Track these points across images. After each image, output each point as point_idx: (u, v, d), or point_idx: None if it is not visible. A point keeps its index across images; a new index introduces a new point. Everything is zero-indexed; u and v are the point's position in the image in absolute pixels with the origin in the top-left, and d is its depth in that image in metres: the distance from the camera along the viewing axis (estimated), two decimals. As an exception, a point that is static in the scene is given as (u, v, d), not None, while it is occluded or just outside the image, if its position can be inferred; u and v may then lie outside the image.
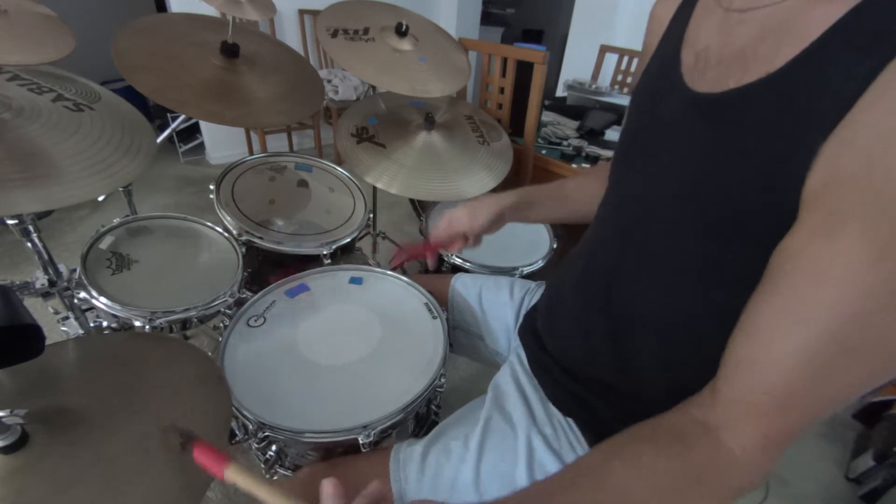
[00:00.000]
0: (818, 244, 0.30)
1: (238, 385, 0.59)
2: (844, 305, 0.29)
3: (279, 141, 2.73)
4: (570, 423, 0.55)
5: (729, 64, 0.38)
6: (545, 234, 1.15)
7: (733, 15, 0.39)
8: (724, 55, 0.39)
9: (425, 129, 1.19)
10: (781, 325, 0.31)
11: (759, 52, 0.36)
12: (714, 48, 0.41)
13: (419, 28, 1.21)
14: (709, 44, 0.41)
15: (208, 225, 0.96)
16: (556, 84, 2.68)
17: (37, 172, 0.56)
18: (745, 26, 0.38)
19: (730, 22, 0.40)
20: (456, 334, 0.81)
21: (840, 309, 0.29)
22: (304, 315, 0.72)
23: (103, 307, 0.75)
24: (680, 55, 0.45)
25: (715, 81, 0.39)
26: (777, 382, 0.31)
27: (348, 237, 1.01)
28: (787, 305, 0.31)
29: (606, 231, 0.54)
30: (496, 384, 0.63)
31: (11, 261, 1.71)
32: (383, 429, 0.57)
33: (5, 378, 0.48)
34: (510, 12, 4.35)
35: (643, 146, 0.48)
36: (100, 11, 2.88)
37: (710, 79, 0.40)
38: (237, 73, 0.97)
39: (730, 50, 0.39)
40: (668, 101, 0.44)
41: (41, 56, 1.00)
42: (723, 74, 0.38)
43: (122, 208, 1.08)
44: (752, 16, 0.37)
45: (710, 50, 0.41)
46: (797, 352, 0.30)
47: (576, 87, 1.77)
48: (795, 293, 0.31)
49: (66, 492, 0.39)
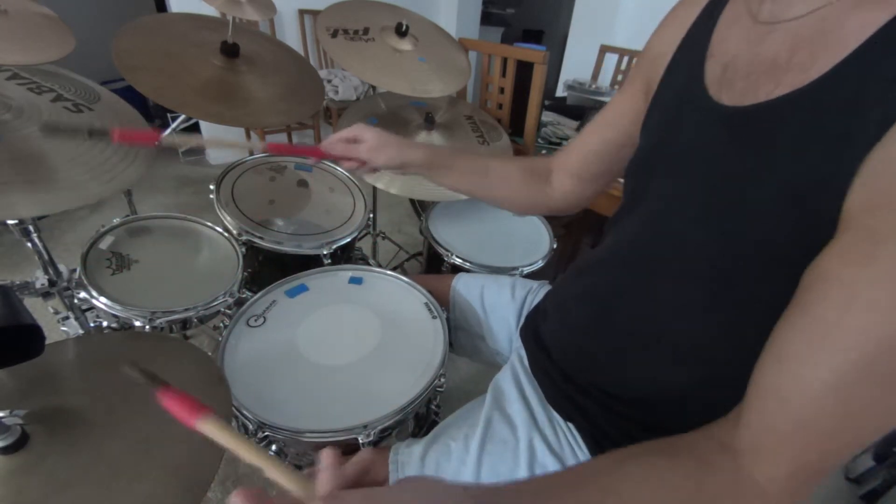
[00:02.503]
0: (851, 269, 0.28)
1: (238, 385, 0.59)
2: (879, 332, 0.27)
3: (279, 141, 2.73)
4: (570, 427, 0.55)
5: (759, 75, 0.36)
6: (545, 234, 1.15)
7: (764, 26, 0.37)
8: (753, 66, 0.37)
9: (425, 129, 1.19)
10: (812, 352, 0.29)
11: (792, 63, 0.34)
12: (743, 59, 0.38)
13: (419, 28, 1.21)
14: (737, 54, 0.39)
15: (208, 225, 0.96)
16: (556, 84, 2.68)
17: (36, 175, 0.56)
18: (776, 35, 0.36)
19: (760, 32, 0.38)
20: (457, 335, 0.81)
21: (874, 336, 0.27)
22: (304, 315, 0.72)
23: (103, 307, 0.75)
24: (704, 66, 0.43)
25: (743, 94, 0.37)
26: (806, 413, 0.29)
27: (348, 237, 1.01)
28: (818, 331, 0.29)
29: (619, 246, 0.52)
30: (497, 385, 0.63)
31: (11, 261, 1.71)
32: (383, 428, 0.57)
33: (5, 378, 0.48)
34: (510, 12, 4.34)
35: (664, 162, 0.46)
36: (100, 11, 2.88)
37: (738, 91, 0.38)
38: (237, 73, 0.97)
39: (760, 60, 0.37)
40: (692, 115, 0.42)
41: (41, 56, 1.00)
42: (752, 86, 0.36)
43: (122, 208, 1.08)
44: (785, 26, 0.36)
45: (739, 61, 0.39)
46: (828, 381, 0.28)
47: (576, 87, 1.77)
48: (827, 318, 0.29)
49: (66, 492, 0.39)
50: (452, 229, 1.09)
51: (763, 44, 0.37)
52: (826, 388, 0.29)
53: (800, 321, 0.31)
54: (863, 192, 0.28)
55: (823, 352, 0.29)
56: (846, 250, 0.29)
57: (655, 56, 0.51)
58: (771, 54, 0.36)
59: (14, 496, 0.38)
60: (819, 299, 0.30)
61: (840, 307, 0.28)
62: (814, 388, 0.29)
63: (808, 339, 0.30)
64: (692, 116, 0.43)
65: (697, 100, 0.42)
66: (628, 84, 0.57)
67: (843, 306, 0.28)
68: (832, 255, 0.30)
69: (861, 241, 0.28)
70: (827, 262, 0.30)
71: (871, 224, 0.28)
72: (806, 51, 0.33)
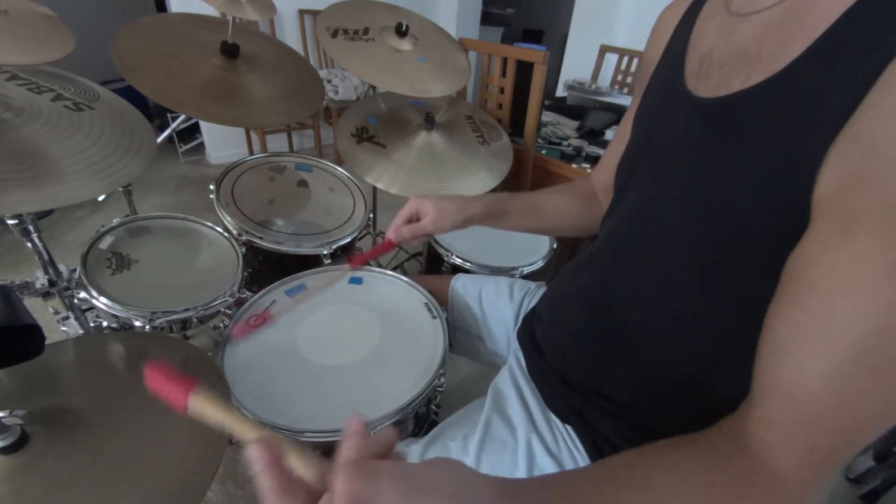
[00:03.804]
0: (832, 253, 0.28)
1: (238, 385, 0.59)
2: (865, 319, 0.26)
3: (279, 141, 2.73)
4: (568, 429, 0.55)
5: (733, 66, 0.37)
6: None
7: (736, 17, 0.38)
8: (727, 57, 0.38)
9: (425, 129, 1.19)
10: (803, 343, 0.29)
11: (762, 52, 0.35)
12: (718, 51, 0.39)
13: (419, 28, 1.21)
14: (714, 46, 0.40)
15: (208, 225, 0.96)
16: (556, 84, 2.68)
17: (37, 172, 0.56)
18: (747, 26, 0.37)
19: (733, 23, 0.39)
20: (456, 335, 0.81)
21: (861, 322, 0.26)
22: (304, 315, 0.72)
23: (103, 307, 0.75)
24: (684, 61, 0.44)
25: (718, 85, 0.38)
26: (809, 406, 0.29)
27: (348, 237, 1.01)
28: (806, 321, 0.29)
29: (610, 243, 0.53)
30: (496, 387, 0.62)
31: (11, 261, 1.71)
32: (383, 428, 0.57)
33: (5, 378, 0.48)
34: (510, 12, 4.35)
35: (649, 157, 0.47)
36: (100, 11, 2.88)
37: (714, 82, 0.39)
38: (237, 73, 0.97)
39: (732, 51, 0.38)
40: (673, 110, 0.43)
41: (41, 56, 1.00)
42: (727, 77, 0.37)
43: (122, 208, 1.08)
44: (756, 17, 0.36)
45: (715, 53, 0.40)
46: (823, 371, 0.28)
47: (576, 87, 1.77)
48: (813, 308, 0.29)
49: (65, 492, 0.39)
50: (452, 229, 1.09)
51: (735, 34, 0.38)
52: (825, 379, 0.28)
53: (789, 312, 0.31)
54: (834, 175, 0.28)
55: (816, 342, 0.29)
56: (825, 235, 0.29)
57: (650, 61, 0.52)
58: (743, 45, 0.37)
59: (14, 496, 0.38)
60: (803, 289, 0.30)
61: (825, 294, 0.28)
62: (812, 380, 0.29)
63: (800, 330, 0.30)
64: (672, 110, 0.43)
65: (677, 94, 0.43)
66: (636, 91, 0.59)
67: (829, 293, 0.28)
68: (811, 242, 0.30)
69: (838, 224, 0.28)
70: (806, 249, 0.30)
71: (845, 206, 0.27)
72: (774, 40, 0.34)
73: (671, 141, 0.43)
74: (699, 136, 0.39)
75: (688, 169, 0.40)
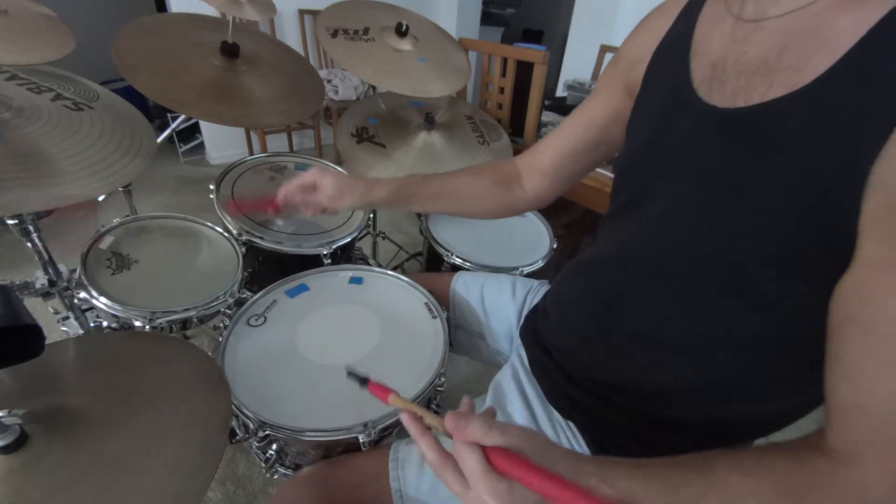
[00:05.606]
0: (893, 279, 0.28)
1: (238, 384, 0.59)
2: None
3: (279, 141, 2.73)
4: (570, 425, 0.55)
5: (751, 75, 0.36)
6: (545, 233, 1.15)
7: (749, 24, 0.37)
8: (742, 66, 0.37)
9: (425, 129, 1.19)
10: (881, 367, 0.30)
11: (783, 63, 0.34)
12: (731, 58, 0.38)
13: (419, 28, 1.21)
14: (724, 53, 0.39)
15: (208, 225, 0.96)
16: (556, 84, 2.68)
17: (37, 172, 0.56)
18: (762, 34, 0.36)
19: (744, 30, 0.38)
20: (457, 333, 0.81)
21: None
22: (303, 315, 0.72)
23: (103, 307, 0.75)
24: (689, 66, 0.42)
25: (735, 94, 0.37)
26: (892, 423, 0.30)
27: (348, 237, 1.01)
28: (878, 345, 0.30)
29: (618, 247, 0.52)
30: (497, 384, 0.63)
31: (11, 261, 1.71)
32: (383, 427, 0.56)
33: (5, 378, 0.48)
34: (510, 12, 4.34)
35: (659, 163, 0.45)
36: (100, 11, 2.88)
37: (730, 91, 0.38)
38: (237, 73, 0.97)
39: (748, 59, 0.36)
40: (683, 116, 0.42)
41: (41, 56, 1.00)
42: (745, 86, 0.36)
43: (122, 208, 1.08)
44: (771, 23, 0.35)
45: (728, 60, 0.38)
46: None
47: (576, 87, 1.77)
48: (885, 331, 0.29)
49: (65, 492, 0.38)
50: (452, 229, 1.09)
51: (749, 42, 0.37)
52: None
53: (858, 338, 0.31)
54: (882, 196, 0.28)
55: (888, 368, 0.29)
56: (879, 261, 0.29)
57: (633, 61, 0.51)
58: (760, 53, 0.36)
59: (13, 496, 0.37)
60: (870, 317, 0.30)
61: (890, 322, 0.28)
62: (890, 402, 0.29)
63: (872, 354, 0.30)
64: (683, 117, 0.42)
65: (687, 100, 0.42)
66: (604, 86, 0.58)
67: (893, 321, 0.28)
68: (868, 268, 0.30)
69: (893, 250, 0.28)
70: (862, 273, 0.30)
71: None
72: (796, 50, 0.33)
73: (685, 150, 0.42)
74: (717, 148, 0.38)
75: (706, 181, 0.39)
